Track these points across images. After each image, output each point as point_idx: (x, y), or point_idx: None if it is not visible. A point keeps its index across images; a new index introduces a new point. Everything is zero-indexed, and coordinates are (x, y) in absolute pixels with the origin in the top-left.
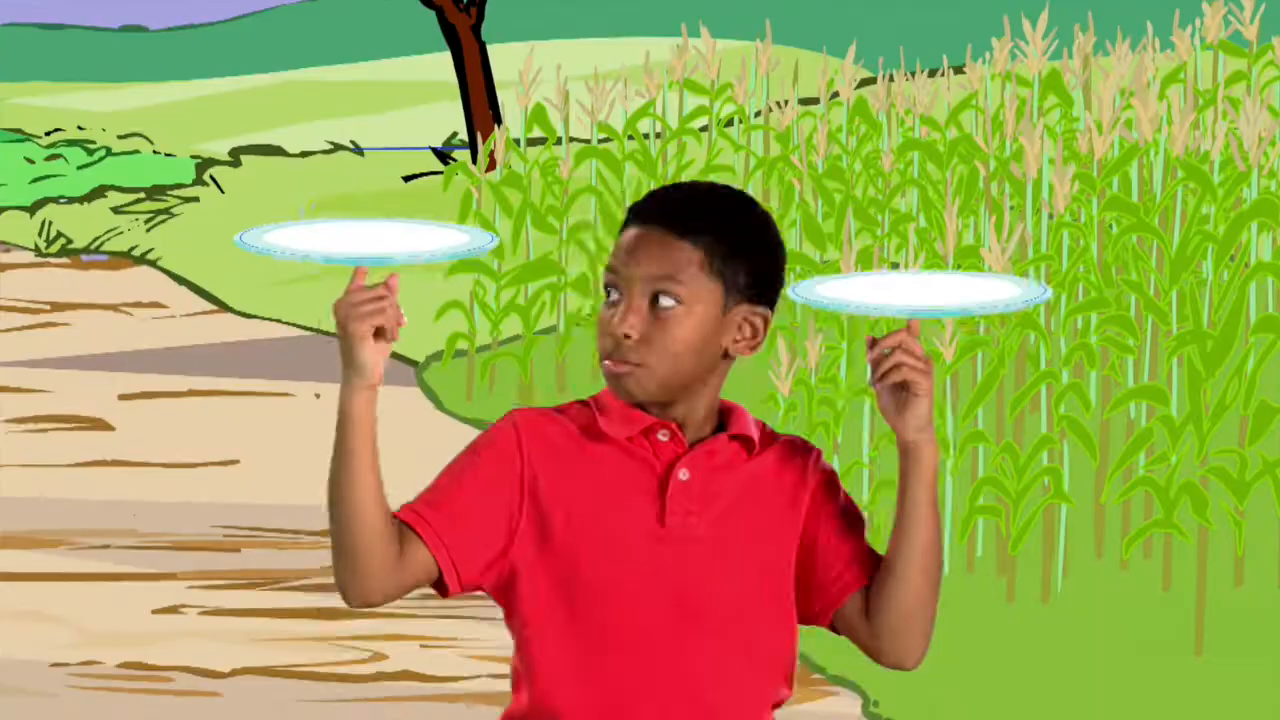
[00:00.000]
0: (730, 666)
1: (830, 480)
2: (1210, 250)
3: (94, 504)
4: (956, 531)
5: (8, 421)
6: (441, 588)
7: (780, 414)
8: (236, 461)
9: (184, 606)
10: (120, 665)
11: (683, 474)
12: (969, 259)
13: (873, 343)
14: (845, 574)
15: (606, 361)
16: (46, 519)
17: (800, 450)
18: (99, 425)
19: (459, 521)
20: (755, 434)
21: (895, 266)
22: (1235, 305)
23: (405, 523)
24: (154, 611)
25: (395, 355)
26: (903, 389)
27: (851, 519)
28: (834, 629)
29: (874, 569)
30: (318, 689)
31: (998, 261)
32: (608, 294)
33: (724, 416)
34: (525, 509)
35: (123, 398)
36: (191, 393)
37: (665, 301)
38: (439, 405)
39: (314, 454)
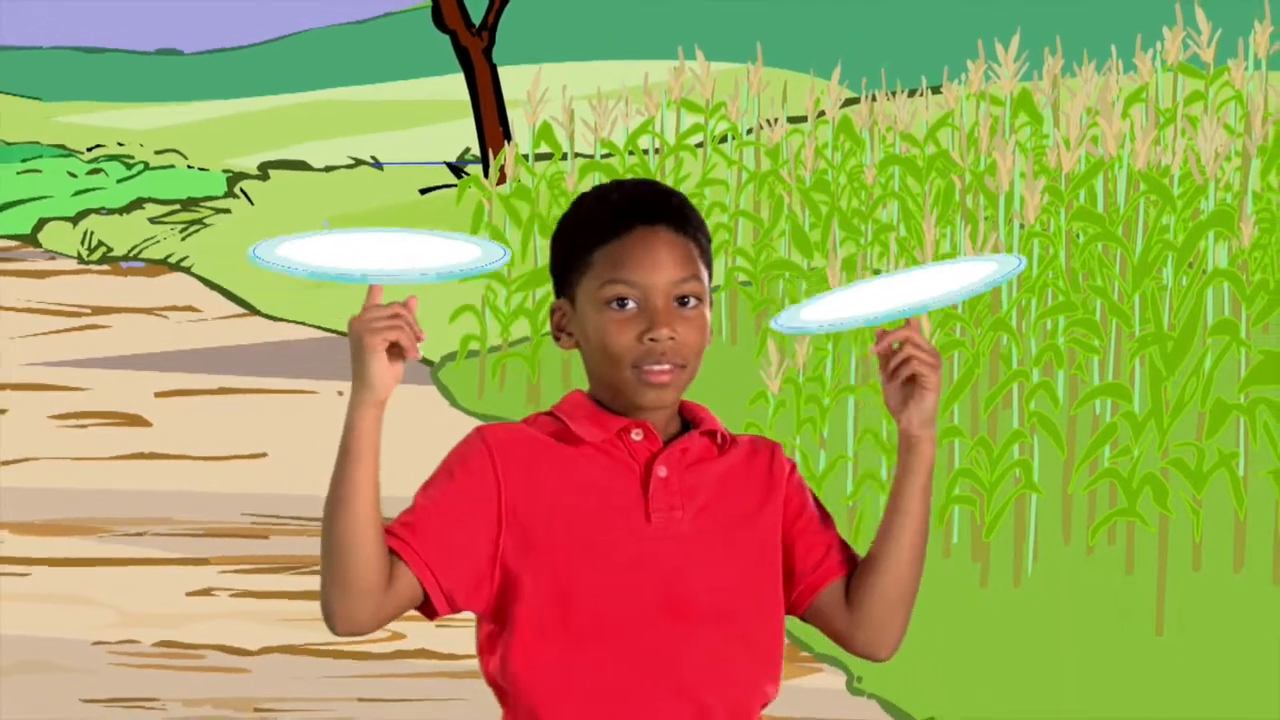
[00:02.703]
0: (721, 661)
1: (798, 474)
2: (1170, 258)
3: (132, 494)
4: (934, 520)
5: (52, 417)
6: (429, 610)
7: (770, 411)
8: (264, 454)
9: (215, 589)
10: (156, 644)
11: (661, 471)
12: None
13: (882, 336)
14: (826, 562)
15: (649, 368)
16: (88, 508)
17: (765, 446)
18: (137, 421)
19: (441, 544)
20: (723, 428)
21: (876, 273)
22: (1193, 309)
23: (389, 548)
24: (188, 594)
25: None
26: (910, 383)
27: (823, 511)
28: (805, 617)
29: (852, 560)
30: (340, 666)
31: None
32: (621, 304)
33: (687, 414)
34: (506, 523)
35: (159, 395)
36: (222, 391)
37: (691, 301)
38: (453, 402)
39: (335, 447)
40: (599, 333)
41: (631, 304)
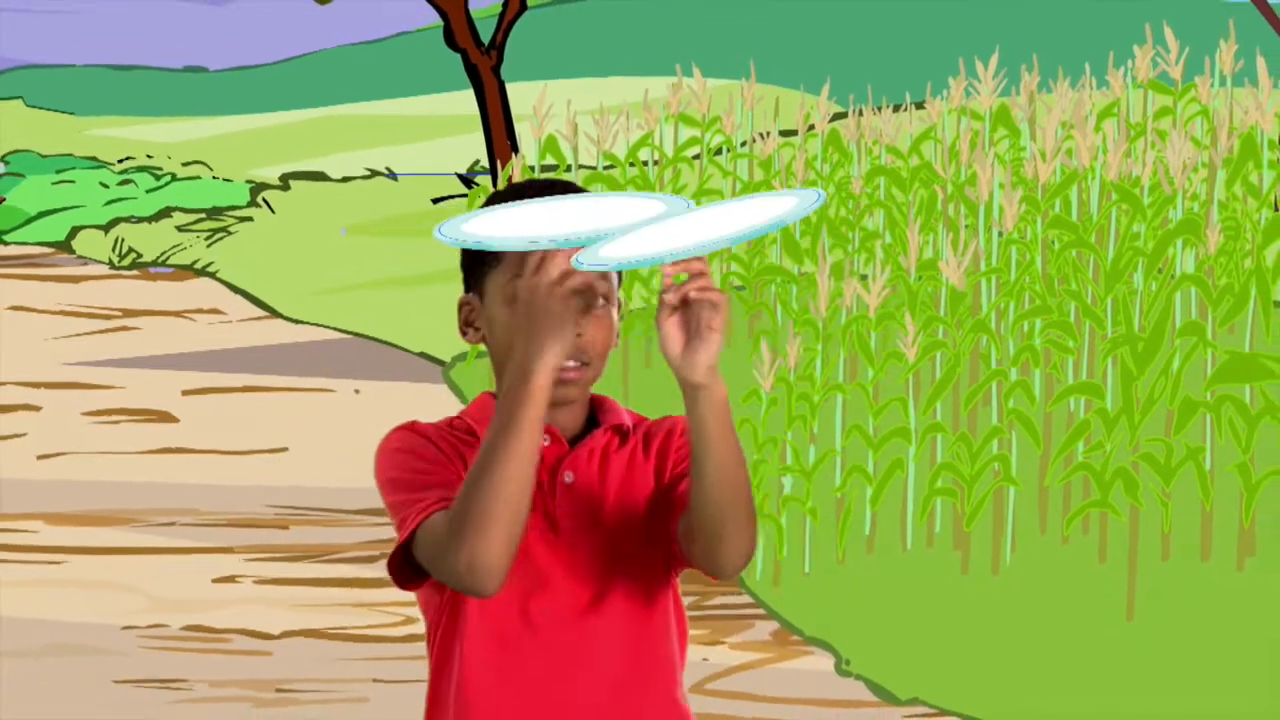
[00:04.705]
0: (639, 649)
1: (679, 433)
2: (1140, 263)
3: (161, 486)
4: (917, 511)
5: (85, 414)
6: None
7: (763, 408)
8: (285, 449)
9: (239, 576)
10: (183, 628)
11: (567, 477)
12: (929, 271)
13: (669, 277)
14: (678, 500)
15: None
16: (119, 500)
17: (664, 424)
18: (165, 417)
19: None
20: (629, 422)
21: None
22: (1162, 312)
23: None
24: (213, 581)
25: (424, 355)
26: (694, 323)
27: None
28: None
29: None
30: (356, 649)
31: (954, 273)
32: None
33: (594, 406)
34: None
35: (186, 393)
36: (246, 389)
37: (599, 301)
38: (462, 399)
39: (353, 442)
40: (506, 328)
41: None
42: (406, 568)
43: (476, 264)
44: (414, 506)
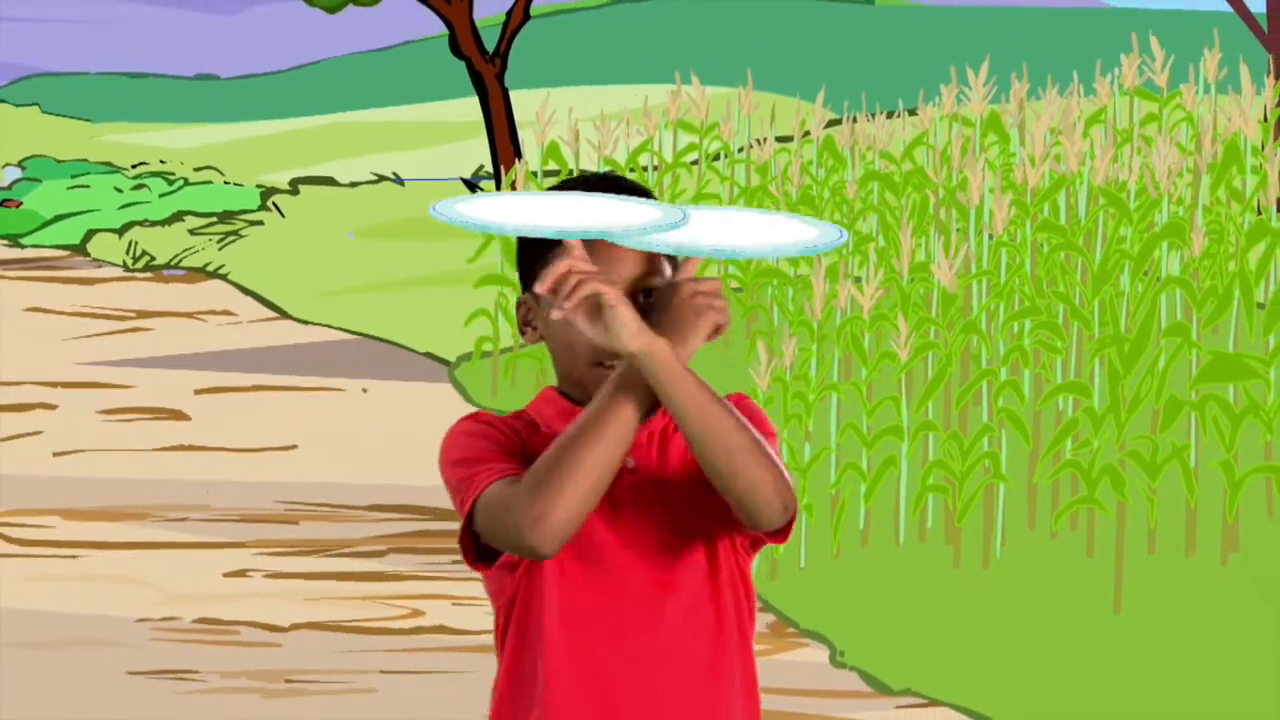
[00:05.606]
0: (693, 621)
1: (745, 402)
2: (1127, 266)
3: (173, 483)
4: (910, 507)
5: (100, 413)
6: None
7: None
8: (295, 446)
9: (250, 570)
10: (195, 621)
11: (629, 463)
12: (921, 273)
13: (547, 275)
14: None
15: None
16: (132, 496)
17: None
18: (177, 416)
19: None
20: None
21: (856, 281)
22: (1148, 313)
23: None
24: (224, 575)
25: (429, 355)
26: (596, 308)
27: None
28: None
29: None
30: (364, 641)
31: (946, 275)
32: None
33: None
34: None
35: (198, 392)
36: (256, 388)
37: (651, 297)
38: (467, 398)
39: (360, 440)
40: (561, 327)
41: None
42: (474, 547)
43: (533, 263)
44: (476, 479)
